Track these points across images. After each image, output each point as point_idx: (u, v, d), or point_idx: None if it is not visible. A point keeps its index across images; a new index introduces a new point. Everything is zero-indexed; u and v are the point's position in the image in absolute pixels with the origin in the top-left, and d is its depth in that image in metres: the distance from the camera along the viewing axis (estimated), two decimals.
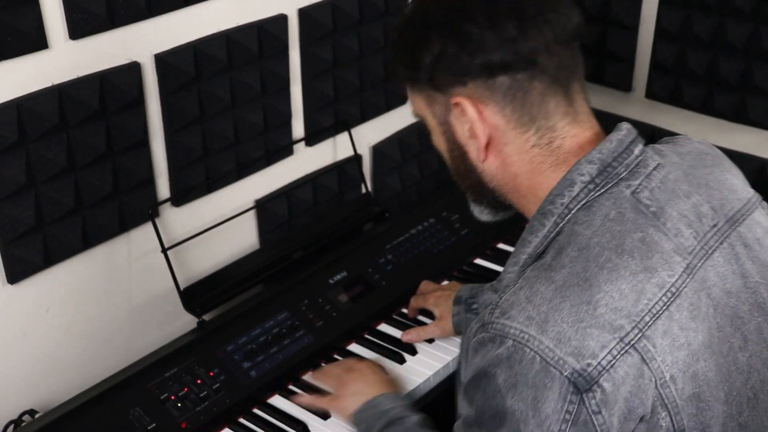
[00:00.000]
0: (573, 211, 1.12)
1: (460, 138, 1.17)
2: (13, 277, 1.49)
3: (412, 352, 1.74)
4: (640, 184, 1.13)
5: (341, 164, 2.02)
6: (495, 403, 1.05)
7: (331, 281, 1.82)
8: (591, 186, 1.12)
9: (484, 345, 1.06)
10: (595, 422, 1.02)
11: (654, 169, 1.15)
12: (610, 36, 2.34)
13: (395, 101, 2.12)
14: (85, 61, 1.49)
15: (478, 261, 2.04)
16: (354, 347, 1.77)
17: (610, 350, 1.01)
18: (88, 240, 1.58)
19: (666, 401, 1.05)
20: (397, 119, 2.16)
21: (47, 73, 1.45)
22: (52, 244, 1.52)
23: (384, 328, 1.82)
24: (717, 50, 2.15)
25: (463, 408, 1.13)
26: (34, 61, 1.42)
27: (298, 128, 1.92)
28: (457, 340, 1.75)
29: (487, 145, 1.15)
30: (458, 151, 1.19)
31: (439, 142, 1.22)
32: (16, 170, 1.43)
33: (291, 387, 1.66)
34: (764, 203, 1.25)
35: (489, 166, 1.18)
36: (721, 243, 1.14)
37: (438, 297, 1.78)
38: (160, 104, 1.63)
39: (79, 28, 1.45)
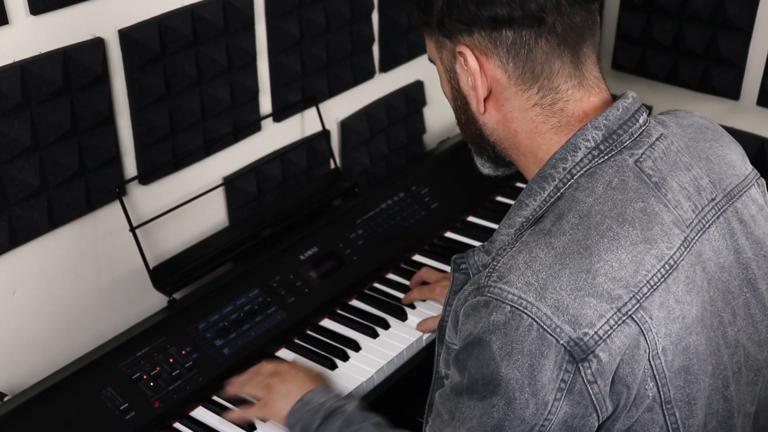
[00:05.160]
0: (575, 177, 1.11)
1: (463, 87, 1.17)
2: None
3: (385, 326, 1.74)
4: (643, 154, 1.12)
5: (309, 140, 2.01)
6: (489, 372, 1.04)
7: (302, 257, 1.82)
8: (595, 152, 1.11)
9: (478, 311, 1.05)
10: (591, 392, 1.02)
11: (657, 139, 1.15)
12: None
13: (362, 76, 2.11)
14: (48, 37, 1.46)
15: (449, 234, 2.04)
16: (326, 323, 1.76)
17: (608, 320, 1.01)
18: (54, 220, 1.55)
19: (655, 372, 1.05)
20: (365, 94, 2.15)
21: (8, 50, 1.42)
22: (17, 224, 1.50)
23: (356, 303, 1.82)
24: (682, 20, 2.16)
25: (454, 376, 1.12)
26: None
27: (265, 104, 1.91)
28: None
29: (487, 98, 1.15)
30: (461, 100, 1.19)
31: (446, 88, 1.22)
32: None
33: None
34: (761, 180, 1.25)
35: (489, 120, 1.17)
36: (717, 217, 1.15)
37: (444, 287, 1.75)
38: (125, 81, 1.60)
39: (40, 3, 1.42)
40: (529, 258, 1.04)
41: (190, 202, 1.76)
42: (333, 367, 1.64)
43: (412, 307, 1.79)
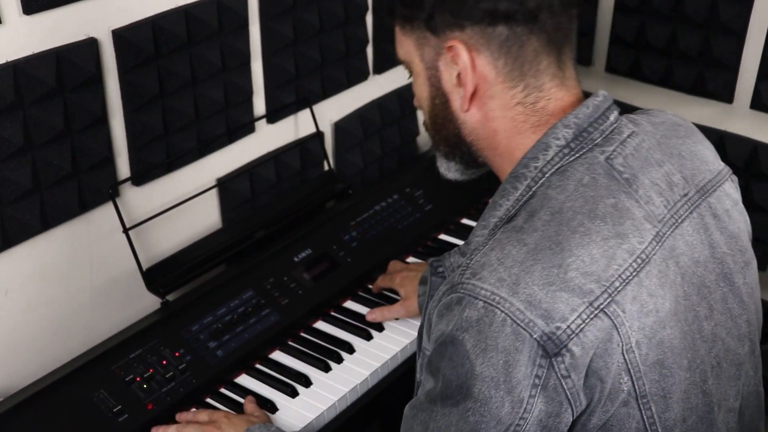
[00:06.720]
0: (546, 175, 1.12)
1: (445, 85, 1.16)
2: None
3: (379, 329, 1.74)
4: (614, 151, 1.13)
5: (303, 141, 2.01)
6: (463, 371, 1.02)
7: (295, 259, 1.81)
8: (566, 150, 1.12)
9: (451, 309, 1.05)
10: (565, 386, 1.02)
11: (628, 136, 1.16)
12: None
13: (356, 77, 2.10)
14: (41, 37, 1.45)
15: (442, 236, 2.04)
16: (320, 325, 1.76)
17: (580, 314, 1.01)
18: (47, 221, 1.55)
19: (629, 366, 1.05)
20: (359, 95, 2.14)
21: (1, 50, 1.41)
22: (10, 225, 1.49)
23: (350, 305, 1.82)
24: (676, 23, 2.17)
25: (427, 382, 1.10)
26: None
27: (259, 105, 1.90)
28: None
29: (472, 96, 1.15)
30: (441, 98, 1.18)
31: (422, 88, 1.20)
32: None
33: (258, 366, 1.65)
34: (734, 176, 1.26)
35: (470, 118, 1.17)
36: (690, 212, 1.16)
37: (404, 277, 1.77)
38: (119, 81, 1.59)
39: (33, 3, 1.42)
40: (502, 255, 1.04)
41: (183, 204, 1.75)
42: (327, 369, 1.63)
43: None
